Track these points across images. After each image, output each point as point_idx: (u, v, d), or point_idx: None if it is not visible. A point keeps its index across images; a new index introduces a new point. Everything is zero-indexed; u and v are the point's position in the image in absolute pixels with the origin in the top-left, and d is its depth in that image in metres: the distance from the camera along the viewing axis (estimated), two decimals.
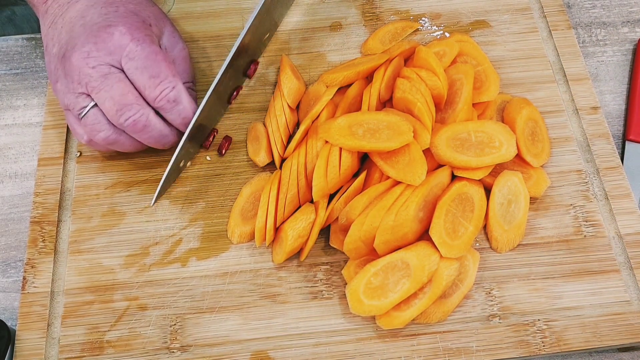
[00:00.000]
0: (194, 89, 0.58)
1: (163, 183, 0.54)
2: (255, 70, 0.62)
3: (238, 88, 0.60)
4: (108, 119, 0.51)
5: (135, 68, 0.51)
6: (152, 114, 0.52)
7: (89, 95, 0.51)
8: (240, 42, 0.56)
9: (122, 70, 0.51)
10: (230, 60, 0.55)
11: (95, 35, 0.51)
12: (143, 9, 0.55)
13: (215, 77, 0.55)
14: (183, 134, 0.54)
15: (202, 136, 0.58)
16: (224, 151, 0.58)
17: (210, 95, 0.54)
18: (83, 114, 0.51)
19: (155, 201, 0.55)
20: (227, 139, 0.58)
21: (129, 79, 0.51)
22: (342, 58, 0.63)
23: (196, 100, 0.58)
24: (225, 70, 0.55)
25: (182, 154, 0.54)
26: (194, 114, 0.54)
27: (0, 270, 0.56)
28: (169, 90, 0.51)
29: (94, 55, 0.50)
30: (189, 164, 0.57)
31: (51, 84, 0.55)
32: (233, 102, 0.60)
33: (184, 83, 0.56)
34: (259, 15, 0.57)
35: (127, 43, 0.51)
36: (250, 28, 0.56)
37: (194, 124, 0.53)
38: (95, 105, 0.51)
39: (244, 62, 0.60)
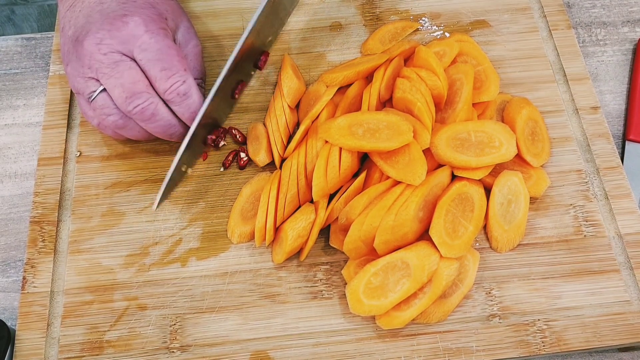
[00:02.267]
0: (204, 86, 0.59)
1: (166, 186, 0.54)
2: (266, 61, 0.62)
3: (242, 83, 0.60)
4: (115, 104, 0.52)
5: (147, 60, 0.51)
6: (160, 104, 0.52)
7: (98, 80, 0.51)
8: (245, 41, 0.56)
9: (134, 60, 0.52)
10: (235, 57, 0.55)
11: (110, 22, 0.51)
12: (161, 2, 0.55)
13: (220, 74, 0.55)
14: (189, 127, 0.54)
15: (207, 135, 0.58)
16: (220, 145, 0.58)
17: (215, 91, 0.54)
18: (92, 97, 0.52)
19: (158, 205, 0.54)
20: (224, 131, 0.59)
21: (140, 69, 0.52)
22: (342, 58, 0.63)
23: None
24: (230, 65, 0.55)
25: (185, 154, 0.54)
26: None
27: (0, 270, 0.56)
28: (180, 83, 0.52)
29: (107, 42, 0.51)
30: (189, 170, 0.57)
31: (63, 66, 0.55)
32: (237, 96, 0.60)
33: (194, 79, 0.56)
34: (264, 14, 0.57)
35: (141, 34, 0.51)
36: (255, 27, 0.56)
37: (200, 119, 0.54)
38: (104, 90, 0.52)
39: (251, 56, 0.60)
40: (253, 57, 0.61)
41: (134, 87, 0.51)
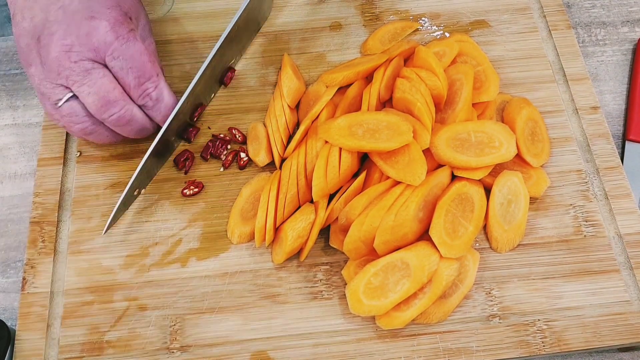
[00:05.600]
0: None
1: (117, 210, 0.53)
2: (232, 77, 0.62)
3: (202, 106, 0.59)
4: (85, 111, 0.51)
5: (120, 68, 0.51)
6: (135, 109, 0.52)
7: (67, 87, 0.50)
8: (207, 67, 0.56)
9: (105, 66, 0.51)
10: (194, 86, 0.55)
11: (77, 26, 0.50)
12: (124, 0, 0.54)
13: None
14: (161, 126, 0.54)
15: (163, 156, 0.58)
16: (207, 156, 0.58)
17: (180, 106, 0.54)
18: (59, 105, 0.51)
19: (107, 230, 0.53)
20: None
21: (112, 75, 0.51)
22: (342, 58, 0.63)
23: None
24: (193, 87, 0.55)
25: (139, 179, 0.54)
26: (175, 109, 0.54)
27: (0, 270, 0.56)
28: (152, 89, 0.52)
29: (77, 49, 0.50)
30: (143, 191, 0.56)
31: (22, 63, 0.53)
32: (196, 119, 0.59)
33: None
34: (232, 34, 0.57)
35: (111, 41, 0.50)
36: (219, 51, 0.56)
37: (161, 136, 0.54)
38: (73, 97, 0.51)
39: (216, 74, 0.60)
40: (218, 77, 0.60)
41: (109, 95, 0.50)
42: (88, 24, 0.50)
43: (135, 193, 0.55)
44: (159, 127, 0.55)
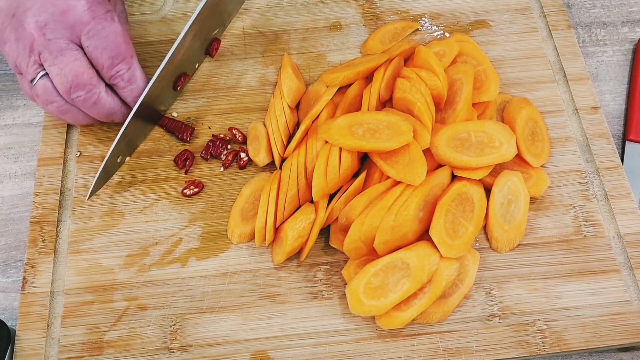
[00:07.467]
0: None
1: (100, 177, 0.54)
2: (217, 48, 0.62)
3: (185, 75, 0.59)
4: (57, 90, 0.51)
5: (94, 47, 0.51)
6: (103, 92, 0.52)
7: (41, 64, 0.50)
8: (184, 38, 0.55)
9: (79, 46, 0.51)
10: (173, 52, 0.55)
11: (53, 4, 0.50)
12: None
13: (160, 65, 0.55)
14: (131, 108, 0.54)
15: (146, 125, 0.58)
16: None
17: (153, 82, 0.54)
18: (34, 83, 0.51)
19: (90, 195, 0.54)
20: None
21: (86, 56, 0.51)
22: (342, 58, 0.63)
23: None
24: (172, 54, 0.55)
25: (122, 145, 0.54)
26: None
27: (0, 270, 0.56)
28: (125, 70, 0.52)
29: (52, 27, 0.50)
30: (127, 159, 0.57)
31: None
32: (180, 89, 0.59)
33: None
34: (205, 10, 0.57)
35: (88, 20, 0.50)
36: (194, 24, 0.56)
37: (138, 107, 0.54)
38: (46, 74, 0.51)
39: (198, 47, 0.60)
40: (202, 47, 0.60)
41: (78, 79, 0.50)
42: (65, 2, 0.50)
43: (119, 160, 0.55)
44: (129, 113, 0.54)
